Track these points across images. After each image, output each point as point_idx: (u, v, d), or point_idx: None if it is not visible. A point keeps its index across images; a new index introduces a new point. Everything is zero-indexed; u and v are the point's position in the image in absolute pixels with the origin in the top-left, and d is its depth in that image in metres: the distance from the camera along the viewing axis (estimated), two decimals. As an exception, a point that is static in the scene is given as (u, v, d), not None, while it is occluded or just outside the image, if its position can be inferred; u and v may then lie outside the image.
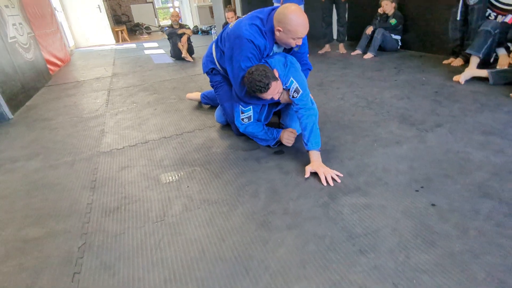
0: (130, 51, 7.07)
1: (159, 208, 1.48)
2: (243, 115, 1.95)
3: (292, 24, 1.64)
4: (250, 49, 1.73)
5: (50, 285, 1.11)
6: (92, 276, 1.13)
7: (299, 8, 1.67)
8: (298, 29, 1.65)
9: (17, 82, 3.38)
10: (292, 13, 1.63)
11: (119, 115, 2.81)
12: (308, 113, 1.74)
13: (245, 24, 1.74)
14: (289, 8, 1.65)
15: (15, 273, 1.18)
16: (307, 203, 1.43)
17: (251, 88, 1.68)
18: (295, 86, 1.76)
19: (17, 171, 1.96)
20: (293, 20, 1.63)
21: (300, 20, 1.64)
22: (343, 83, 3.16)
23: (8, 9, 3.71)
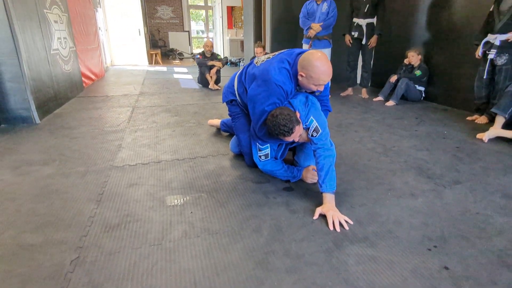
0: (160, 73, 7.35)
1: (159, 231, 1.44)
2: (261, 152, 1.93)
3: (315, 72, 1.64)
4: (278, 94, 1.73)
5: (34, 297, 1.07)
6: (77, 294, 1.08)
7: (324, 56, 1.67)
8: (320, 77, 1.65)
9: (50, 90, 3.54)
10: (316, 61, 1.63)
11: (138, 132, 2.85)
12: (326, 154, 1.70)
13: (274, 68, 1.73)
14: (315, 55, 1.66)
15: (3, 278, 1.14)
16: (311, 246, 1.35)
17: (274, 131, 1.66)
18: (314, 125, 1.73)
19: (30, 175, 1.98)
20: (317, 67, 1.63)
21: (323, 68, 1.64)
22: (361, 127, 3.11)
23: (56, 24, 3.97)
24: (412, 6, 4.52)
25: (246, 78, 1.98)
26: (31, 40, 3.16)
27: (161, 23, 13.26)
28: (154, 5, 13.01)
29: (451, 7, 3.92)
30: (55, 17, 3.95)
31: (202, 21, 16.17)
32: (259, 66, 1.86)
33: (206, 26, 14.87)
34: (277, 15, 5.48)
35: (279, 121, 1.62)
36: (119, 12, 8.92)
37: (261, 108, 1.77)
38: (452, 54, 3.96)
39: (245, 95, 2.01)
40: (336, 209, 1.57)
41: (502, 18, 3.01)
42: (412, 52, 4.23)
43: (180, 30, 13.30)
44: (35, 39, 3.25)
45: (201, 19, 16.38)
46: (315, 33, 4.38)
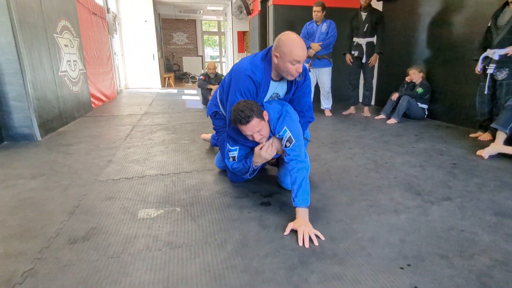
0: (170, 95, 7.52)
1: (121, 243, 1.39)
2: (230, 153, 1.91)
3: (286, 45, 1.59)
4: (248, 85, 1.71)
5: (-26, 307, 1.03)
6: (18, 306, 1.04)
7: (295, 33, 1.65)
8: (293, 50, 1.58)
9: (55, 109, 3.65)
10: (287, 37, 1.61)
11: (131, 149, 2.87)
12: (299, 166, 1.62)
13: (245, 60, 1.75)
14: (285, 33, 1.65)
15: (-48, 288, 1.12)
16: (273, 263, 1.26)
17: (233, 117, 1.63)
18: (288, 135, 1.68)
19: (14, 188, 2.00)
20: (288, 41, 1.60)
21: (295, 42, 1.60)
22: (357, 144, 3.02)
23: (66, 48, 4.16)
24: (413, 25, 4.49)
25: (224, 84, 1.99)
26: (38, 62, 3.31)
27: (176, 49, 13.75)
28: (170, 32, 13.56)
29: (451, 25, 3.86)
30: (66, 41, 4.15)
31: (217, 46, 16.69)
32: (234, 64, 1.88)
33: (220, 50, 15.31)
34: (280, 37, 5.56)
35: (239, 107, 1.60)
36: (135, 38, 9.32)
37: (232, 100, 1.75)
38: (454, 71, 3.86)
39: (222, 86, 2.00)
40: (309, 224, 1.49)
41: (500, 33, 2.93)
42: (413, 69, 4.16)
43: (194, 55, 13.74)
44: (42, 61, 3.40)
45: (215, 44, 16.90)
46: (314, 52, 4.39)
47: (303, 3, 5.42)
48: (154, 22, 9.49)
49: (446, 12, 3.92)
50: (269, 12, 5.78)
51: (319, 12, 4.34)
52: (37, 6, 3.38)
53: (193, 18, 13.53)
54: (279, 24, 5.51)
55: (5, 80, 2.97)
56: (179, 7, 11.27)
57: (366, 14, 4.28)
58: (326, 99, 4.67)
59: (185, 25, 13.68)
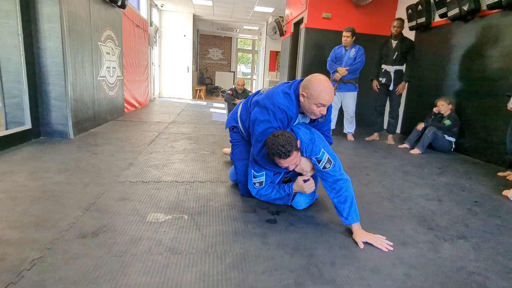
0: (199, 107, 7.73)
1: (126, 244, 1.43)
2: (255, 179, 1.90)
3: (315, 89, 1.63)
4: (282, 118, 1.73)
5: (-18, 287, 1.09)
6: (21, 291, 1.09)
7: (325, 77, 1.68)
8: (320, 95, 1.63)
9: (90, 111, 3.87)
10: (316, 79, 1.65)
11: (153, 154, 2.97)
12: (347, 185, 1.66)
13: (279, 93, 1.75)
14: (316, 75, 1.68)
15: (-32, 266, 1.20)
16: (268, 281, 1.24)
17: (271, 151, 1.62)
18: (326, 157, 1.68)
19: (41, 180, 2.12)
20: (317, 84, 1.64)
21: (323, 85, 1.64)
22: (375, 171, 2.94)
23: (108, 55, 4.44)
24: (444, 56, 4.38)
25: (251, 105, 2.01)
26: (80, 66, 3.55)
27: (210, 63, 14.20)
28: (207, 47, 14.07)
29: (484, 58, 3.73)
30: (108, 49, 4.43)
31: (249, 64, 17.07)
32: (263, 93, 1.89)
33: (252, 68, 15.63)
34: (308, 60, 5.61)
35: (278, 141, 1.59)
36: (173, 51, 9.76)
37: (262, 130, 1.75)
38: (485, 106, 3.69)
39: (247, 121, 2.02)
40: (373, 235, 1.62)
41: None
42: (442, 101, 4.02)
43: (226, 70, 14.12)
44: (84, 66, 3.64)
45: (248, 62, 17.30)
46: (340, 76, 4.38)
47: (333, 28, 5.46)
48: (192, 37, 9.91)
49: (481, 45, 3.80)
50: (301, 35, 5.86)
51: (348, 37, 4.35)
52: (86, 16, 3.65)
53: (230, 35, 13.99)
54: (309, 46, 5.57)
55: (49, 80, 3.20)
56: (217, 25, 11.71)
57: (396, 42, 4.24)
58: (350, 123, 4.61)
59: (221, 41, 14.16)
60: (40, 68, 3.17)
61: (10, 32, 2.96)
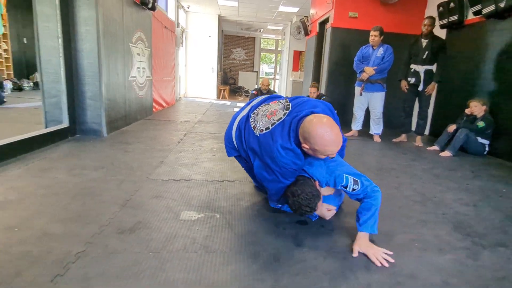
0: (223, 106, 7.79)
1: (161, 241, 1.46)
2: (280, 208, 1.90)
3: (318, 144, 1.41)
4: (291, 174, 1.59)
5: (35, 277, 1.14)
6: (68, 283, 1.13)
7: (326, 123, 1.41)
8: (326, 149, 1.42)
9: (121, 110, 3.99)
10: (317, 131, 1.39)
11: (182, 153, 3.02)
12: (376, 195, 1.55)
13: (279, 150, 1.51)
14: (314, 124, 1.41)
15: (19, 257, 1.26)
16: (303, 282, 1.23)
17: (296, 210, 1.56)
18: (351, 180, 1.56)
19: (79, 177, 2.20)
20: (319, 139, 1.40)
21: (327, 139, 1.39)
22: (404, 174, 2.85)
23: (138, 56, 4.55)
24: (478, 55, 4.18)
25: (245, 139, 1.74)
26: (114, 67, 3.66)
27: (234, 63, 14.29)
28: (230, 47, 14.16)
29: (522, 58, 3.52)
30: (139, 50, 4.54)
31: (272, 64, 17.03)
32: (259, 138, 1.60)
33: (275, 68, 15.58)
34: (334, 59, 5.52)
35: (301, 202, 1.51)
36: (198, 51, 9.89)
37: (275, 189, 1.68)
38: (523, 107, 3.49)
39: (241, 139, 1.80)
40: (373, 245, 1.49)
41: None
42: (475, 102, 3.84)
43: (250, 70, 14.15)
44: (117, 66, 3.76)
45: (271, 62, 17.27)
46: (367, 76, 4.29)
47: (360, 27, 5.34)
48: (217, 38, 10.00)
49: (519, 44, 3.59)
50: (326, 34, 5.77)
51: (376, 36, 4.25)
52: (119, 19, 3.76)
53: (253, 35, 14.01)
54: (335, 46, 5.48)
55: (85, 81, 3.33)
56: (242, 25, 11.76)
57: (427, 41, 4.08)
58: (376, 124, 4.49)
59: (244, 41, 14.21)
60: (77, 69, 3.30)
61: (50, 35, 3.09)
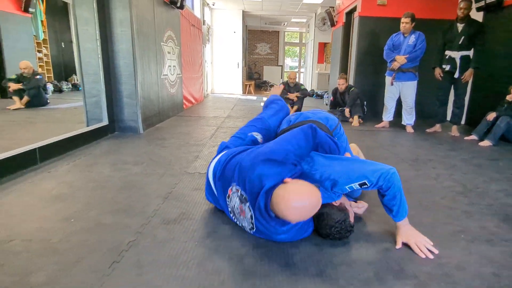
0: (250, 101, 7.83)
1: (207, 231, 1.51)
2: None
3: (281, 212, 1.23)
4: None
5: (94, 264, 1.22)
6: (125, 269, 1.20)
7: (299, 197, 1.21)
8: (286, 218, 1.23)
9: (155, 108, 4.12)
10: (283, 209, 1.21)
11: (215, 147, 3.07)
12: (393, 180, 1.35)
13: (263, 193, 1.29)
14: (286, 198, 1.20)
15: (79, 245, 1.35)
16: (347, 272, 1.22)
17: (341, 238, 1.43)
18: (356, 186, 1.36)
19: (122, 171, 2.31)
20: (283, 214, 1.22)
21: (290, 216, 1.21)
22: (442, 164, 2.74)
23: (169, 55, 4.67)
24: (521, 38, 3.90)
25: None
26: (147, 66, 3.78)
27: (258, 58, 14.25)
28: (255, 42, 14.13)
29: None
30: (169, 49, 4.65)
31: (296, 57, 16.83)
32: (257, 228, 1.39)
33: (299, 61, 15.39)
34: (362, 49, 5.37)
35: (337, 234, 1.39)
36: (223, 47, 9.96)
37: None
38: None
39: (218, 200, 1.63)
40: (416, 232, 1.45)
41: None
42: (517, 88, 3.60)
43: (274, 65, 14.07)
44: (150, 65, 3.87)
45: (295, 55, 17.07)
46: (399, 65, 4.14)
47: (389, 15, 5.14)
48: (241, 33, 10.01)
49: None
50: (354, 24, 5.61)
51: (407, 23, 4.08)
52: (151, 19, 3.86)
53: (277, 29, 13.89)
54: (363, 35, 5.32)
55: (121, 80, 3.46)
56: (266, 19, 11.69)
57: (463, 25, 3.86)
58: (409, 114, 4.34)
59: (268, 36, 14.13)
60: (114, 69, 3.43)
61: (89, 38, 3.23)
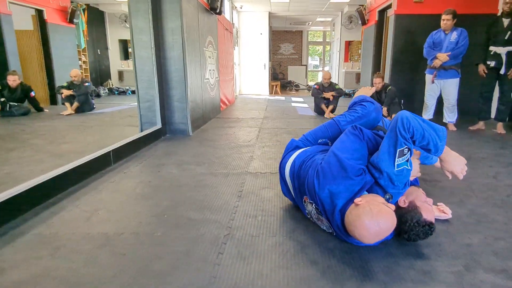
0: (280, 102, 7.91)
1: (290, 225, 1.61)
2: None
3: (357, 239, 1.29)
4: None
5: (202, 254, 1.35)
6: (231, 260, 1.32)
7: (372, 222, 1.22)
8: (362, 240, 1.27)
9: (200, 110, 4.29)
10: (358, 235, 1.26)
11: (265, 148, 3.19)
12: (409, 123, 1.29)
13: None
14: (358, 220, 1.24)
15: (180, 239, 1.49)
16: (438, 266, 1.29)
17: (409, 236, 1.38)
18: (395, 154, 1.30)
19: (188, 171, 2.46)
20: (358, 239, 1.28)
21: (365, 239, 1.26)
22: (497, 162, 2.72)
23: (209, 59, 4.83)
24: None
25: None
26: (194, 70, 3.95)
27: (282, 58, 14.31)
28: (278, 43, 14.19)
29: None
30: (209, 53, 4.82)
31: (318, 56, 16.74)
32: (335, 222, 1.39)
33: (322, 60, 15.30)
34: (398, 47, 5.33)
35: (412, 237, 1.37)
36: (251, 49, 10.09)
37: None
38: None
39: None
40: (457, 158, 1.48)
41: None
42: None
43: (298, 64, 14.08)
44: (196, 70, 4.05)
45: (317, 54, 16.98)
46: (441, 63, 4.09)
47: (426, 12, 5.08)
48: (268, 34, 10.11)
49: None
50: (388, 22, 5.58)
51: (449, 20, 4.04)
52: (196, 25, 4.03)
53: (301, 29, 13.89)
54: (399, 33, 5.28)
55: (173, 85, 3.64)
56: (290, 20, 11.73)
57: (509, 20, 3.78)
58: (451, 112, 4.28)
59: (292, 36, 14.15)
60: (166, 75, 3.62)
61: (143, 46, 3.43)
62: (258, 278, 1.21)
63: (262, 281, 1.19)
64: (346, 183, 1.34)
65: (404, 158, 1.30)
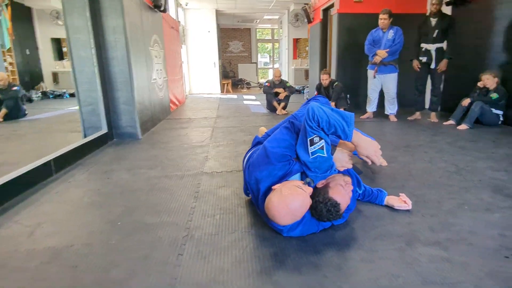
0: (232, 100, 7.96)
1: (248, 221, 1.67)
2: None
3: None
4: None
5: (161, 258, 1.35)
6: (191, 260, 1.34)
7: (280, 202, 1.33)
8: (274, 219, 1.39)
9: (149, 112, 4.17)
10: (269, 213, 1.38)
11: (220, 147, 3.22)
12: (314, 112, 1.37)
13: None
14: (269, 202, 1.37)
15: (137, 245, 1.47)
16: (383, 244, 1.45)
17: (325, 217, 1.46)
18: (308, 144, 1.39)
19: (141, 175, 2.41)
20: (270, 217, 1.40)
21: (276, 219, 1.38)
22: (431, 148, 3.07)
23: (156, 59, 4.71)
24: (487, 28, 4.37)
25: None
26: (139, 71, 3.83)
27: (232, 56, 14.36)
28: (227, 40, 14.21)
29: (530, 29, 3.72)
30: (156, 53, 4.70)
31: (267, 53, 17.11)
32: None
33: (272, 57, 15.66)
34: (342, 45, 5.69)
35: (322, 210, 1.43)
36: (199, 47, 9.99)
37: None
38: (534, 76, 3.70)
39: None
40: (368, 142, 1.49)
41: None
42: (487, 75, 4.04)
43: (248, 62, 14.24)
44: (142, 71, 3.92)
45: (266, 51, 17.33)
46: (380, 59, 4.47)
47: (366, 11, 5.49)
48: (216, 32, 10.09)
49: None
50: (332, 21, 5.92)
51: (386, 19, 4.42)
52: (139, 24, 3.91)
53: (249, 27, 14.06)
54: (342, 32, 5.64)
55: (117, 87, 3.50)
56: (238, 17, 11.82)
57: (436, 19, 4.27)
58: (391, 104, 4.70)
59: (240, 33, 14.26)
60: (109, 76, 3.46)
61: (82, 46, 3.25)
62: (220, 274, 1.25)
63: (223, 277, 1.24)
64: (269, 168, 1.45)
65: (316, 146, 1.37)
